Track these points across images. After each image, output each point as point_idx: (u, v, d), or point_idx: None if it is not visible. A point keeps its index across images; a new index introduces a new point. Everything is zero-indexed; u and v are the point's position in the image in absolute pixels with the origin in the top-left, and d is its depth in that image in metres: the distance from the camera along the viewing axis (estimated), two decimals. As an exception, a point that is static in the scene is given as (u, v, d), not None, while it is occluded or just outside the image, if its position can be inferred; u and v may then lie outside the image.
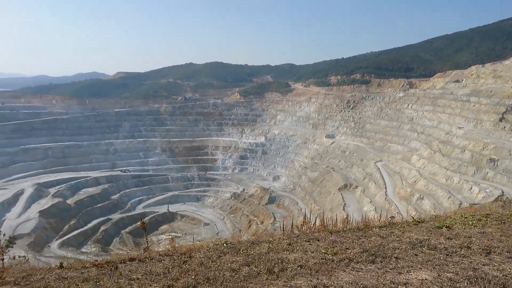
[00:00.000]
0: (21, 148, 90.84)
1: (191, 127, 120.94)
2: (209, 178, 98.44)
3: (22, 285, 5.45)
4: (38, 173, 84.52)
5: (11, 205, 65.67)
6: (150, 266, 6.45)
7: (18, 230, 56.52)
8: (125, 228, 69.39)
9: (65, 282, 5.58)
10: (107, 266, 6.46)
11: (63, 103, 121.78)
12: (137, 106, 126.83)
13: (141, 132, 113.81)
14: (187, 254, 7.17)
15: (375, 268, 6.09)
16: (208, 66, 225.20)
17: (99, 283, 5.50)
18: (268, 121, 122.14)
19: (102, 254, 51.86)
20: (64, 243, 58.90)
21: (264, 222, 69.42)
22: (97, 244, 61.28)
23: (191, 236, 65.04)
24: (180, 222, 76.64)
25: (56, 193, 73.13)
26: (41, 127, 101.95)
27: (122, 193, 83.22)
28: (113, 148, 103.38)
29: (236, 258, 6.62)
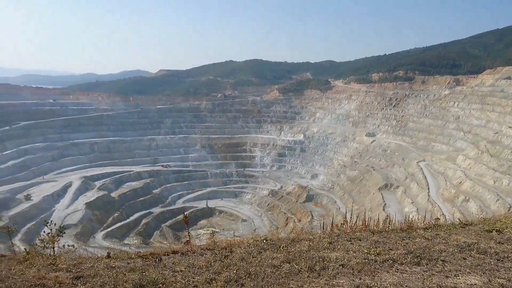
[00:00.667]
0: (70, 142, 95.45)
1: (230, 124, 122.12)
2: (247, 174, 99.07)
3: (74, 273, 5.72)
4: (85, 166, 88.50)
5: (60, 196, 69.19)
6: (192, 259, 6.58)
7: (66, 220, 59.40)
8: (165, 221, 71.19)
9: (112, 271, 5.81)
10: (151, 258, 6.66)
11: (109, 100, 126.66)
12: (178, 103, 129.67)
13: (182, 129, 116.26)
14: (227, 249, 7.25)
15: (421, 270, 5.91)
16: (247, 63, 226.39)
17: (145, 273, 5.68)
18: (307, 118, 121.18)
19: (143, 246, 53.52)
20: (108, 234, 61.28)
21: (302, 220, 69.07)
22: (139, 237, 63.28)
23: (228, 231, 65.85)
24: (218, 218, 77.68)
25: (101, 186, 76.20)
26: (88, 122, 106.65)
27: (163, 188, 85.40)
28: (155, 144, 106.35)
29: (276, 255, 6.62)
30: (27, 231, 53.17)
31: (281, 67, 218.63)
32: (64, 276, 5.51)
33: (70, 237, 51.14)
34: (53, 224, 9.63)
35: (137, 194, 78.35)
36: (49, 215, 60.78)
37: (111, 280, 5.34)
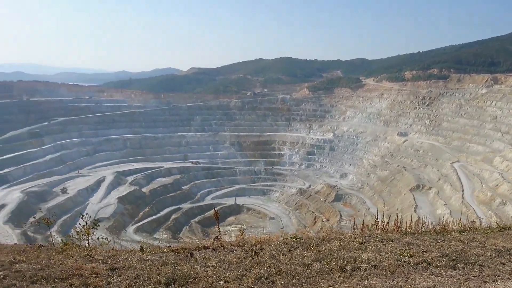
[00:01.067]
0: (104, 138, 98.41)
1: (259, 122, 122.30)
2: (276, 173, 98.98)
3: (109, 264, 5.90)
4: (117, 162, 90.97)
5: (94, 190, 71.46)
6: (223, 255, 6.65)
7: (99, 214, 61.26)
8: (194, 217, 72.19)
9: (146, 264, 5.95)
10: (183, 252, 6.78)
11: (141, 97, 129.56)
12: (208, 101, 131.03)
13: (212, 126, 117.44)
14: (257, 246, 7.27)
15: (457, 274, 5.73)
16: (277, 61, 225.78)
17: (177, 267, 5.79)
18: (337, 117, 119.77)
19: (173, 241, 54.50)
20: (139, 228, 62.78)
21: (330, 220, 68.40)
22: (168, 232, 64.46)
23: (256, 229, 66.09)
24: (246, 215, 78.02)
25: (133, 181, 78.10)
26: (121, 119, 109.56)
27: (192, 184, 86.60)
28: (185, 141, 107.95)
29: (307, 254, 6.59)
30: (62, 223, 55.19)
31: (311, 65, 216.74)
32: (100, 267, 5.68)
33: (103, 230, 52.68)
34: (88, 217, 9.96)
35: (167, 189, 79.77)
36: (84, 208, 62.86)
37: (145, 273, 5.47)
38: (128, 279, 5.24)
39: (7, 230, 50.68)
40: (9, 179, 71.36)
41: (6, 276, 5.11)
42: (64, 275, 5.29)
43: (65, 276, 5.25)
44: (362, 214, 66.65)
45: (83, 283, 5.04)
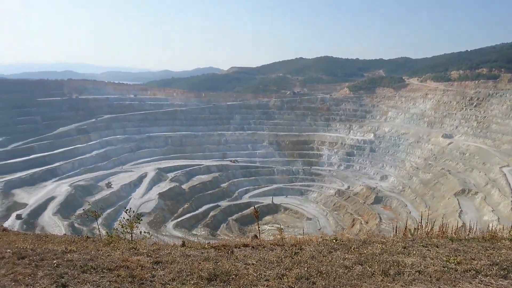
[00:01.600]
0: (146, 135, 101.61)
1: (298, 121, 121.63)
2: (314, 173, 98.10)
3: (153, 257, 6.09)
4: (159, 158, 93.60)
5: (136, 186, 73.90)
6: (262, 253, 6.69)
7: (141, 208, 63.21)
8: (232, 215, 72.92)
9: (188, 259, 6.10)
10: (223, 249, 6.89)
11: (182, 96, 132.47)
12: (247, 100, 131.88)
13: (250, 125, 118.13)
14: (297, 246, 7.26)
15: (508, 284, 5.45)
16: (317, 60, 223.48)
17: (218, 263, 5.90)
18: (378, 117, 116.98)
19: (210, 238, 55.31)
20: (178, 224, 64.23)
21: (369, 223, 66.95)
22: (206, 228, 65.51)
23: (293, 229, 65.87)
24: (283, 215, 77.88)
25: (173, 178, 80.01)
26: (163, 117, 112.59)
27: (231, 182, 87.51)
28: (224, 139, 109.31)
29: (348, 256, 6.50)
30: (106, 216, 57.41)
31: (352, 64, 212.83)
32: (145, 260, 5.89)
33: (144, 224, 54.35)
34: (132, 211, 10.31)
35: (206, 187, 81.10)
36: (126, 202, 65.17)
37: (187, 267, 5.61)
38: (172, 273, 5.39)
39: (56, 221, 53.44)
40: (58, 172, 75.19)
41: (59, 265, 5.41)
42: (112, 266, 5.52)
43: (112, 267, 5.48)
44: (403, 217, 64.81)
45: (130, 274, 5.23)
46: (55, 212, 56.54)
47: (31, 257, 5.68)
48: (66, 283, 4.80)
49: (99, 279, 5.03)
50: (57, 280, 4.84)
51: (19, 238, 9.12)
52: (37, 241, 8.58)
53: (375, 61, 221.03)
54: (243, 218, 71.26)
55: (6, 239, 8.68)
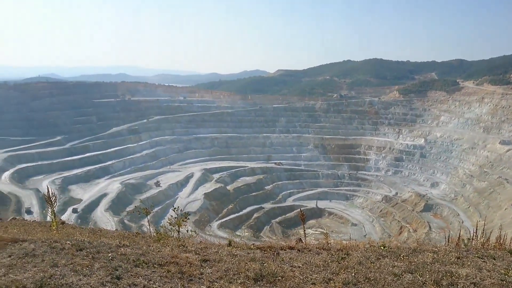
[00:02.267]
0: (194, 137, 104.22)
1: (345, 125, 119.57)
2: (360, 178, 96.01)
3: (201, 255, 6.25)
4: (205, 159, 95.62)
5: (183, 185, 75.89)
6: (308, 257, 6.65)
7: (187, 208, 64.72)
8: (275, 217, 72.93)
9: (235, 258, 6.20)
10: (269, 251, 6.92)
11: (229, 98, 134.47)
12: (293, 103, 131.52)
13: (296, 128, 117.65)
14: (344, 251, 7.15)
15: None
16: (366, 63, 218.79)
17: (265, 264, 5.94)
18: (429, 122, 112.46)
19: (253, 239, 55.65)
20: (222, 224, 65.19)
21: (418, 231, 64.49)
22: (250, 230, 65.98)
23: (337, 234, 64.76)
24: (327, 219, 76.84)
25: (218, 179, 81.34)
26: (210, 119, 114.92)
27: (275, 185, 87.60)
28: (269, 142, 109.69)
29: (397, 263, 6.32)
30: (154, 214, 59.37)
31: (403, 67, 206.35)
32: (193, 258, 6.05)
33: (189, 223, 55.60)
34: (179, 210, 10.60)
35: (250, 188, 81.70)
36: (173, 201, 67.05)
37: (234, 267, 5.70)
38: (219, 272, 5.50)
39: (108, 217, 56.03)
40: (111, 170, 78.89)
41: (114, 258, 5.68)
42: (162, 261, 5.72)
43: (163, 262, 5.68)
44: (455, 227, 61.91)
45: (179, 271, 5.40)
46: (106, 208, 59.30)
47: (88, 249, 6.01)
48: (120, 275, 5.04)
49: (150, 274, 5.23)
50: (112, 273, 5.09)
51: (76, 231, 9.68)
52: (92, 235, 9.06)
53: (427, 63, 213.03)
54: (287, 221, 71.08)
55: (65, 232, 9.23)
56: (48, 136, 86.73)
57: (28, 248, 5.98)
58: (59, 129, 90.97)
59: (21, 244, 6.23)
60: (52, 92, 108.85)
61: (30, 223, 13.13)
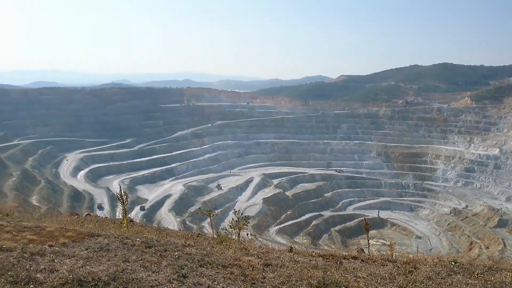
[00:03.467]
0: (254, 142, 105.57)
1: (410, 132, 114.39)
2: (426, 188, 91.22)
3: (264, 260, 6.29)
4: (265, 164, 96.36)
5: (243, 189, 76.98)
6: (373, 268, 6.44)
7: (246, 212, 65.47)
8: (335, 226, 71.43)
9: (297, 265, 6.16)
10: (332, 259, 6.80)
11: (290, 104, 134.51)
12: (356, 109, 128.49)
13: (358, 135, 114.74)
14: (411, 264, 6.83)
15: None
16: (434, 67, 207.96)
17: (328, 273, 5.84)
18: (505, 130, 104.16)
19: (312, 247, 54.86)
20: (280, 230, 65.05)
21: (490, 248, 59.86)
22: (308, 237, 65.16)
23: (400, 246, 61.85)
24: (390, 230, 73.87)
25: (277, 184, 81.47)
26: (271, 124, 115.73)
27: (335, 192, 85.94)
28: (330, 148, 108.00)
29: (471, 281, 5.91)
30: (214, 216, 60.43)
31: (476, 71, 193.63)
32: (256, 261, 6.10)
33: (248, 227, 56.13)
34: (240, 213, 10.75)
35: (309, 195, 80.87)
36: (233, 205, 68.24)
37: (296, 273, 5.66)
38: (281, 277, 5.50)
39: (170, 217, 58.26)
40: (175, 173, 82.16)
41: (180, 257, 5.91)
42: (226, 263, 5.84)
43: (226, 264, 5.80)
44: (534, 246, 56.71)
45: (242, 273, 5.48)
46: (170, 208, 61.73)
47: (156, 247, 6.31)
48: (186, 274, 5.22)
49: (214, 274, 5.36)
50: (178, 271, 5.29)
51: (144, 229, 10.17)
52: (159, 234, 9.47)
53: (503, 67, 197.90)
54: (346, 230, 69.32)
55: (134, 229, 9.74)
56: (119, 138, 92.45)
57: (103, 242, 6.39)
58: (129, 132, 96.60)
59: (96, 238, 6.68)
60: (123, 97, 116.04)
61: (103, 219, 14.02)
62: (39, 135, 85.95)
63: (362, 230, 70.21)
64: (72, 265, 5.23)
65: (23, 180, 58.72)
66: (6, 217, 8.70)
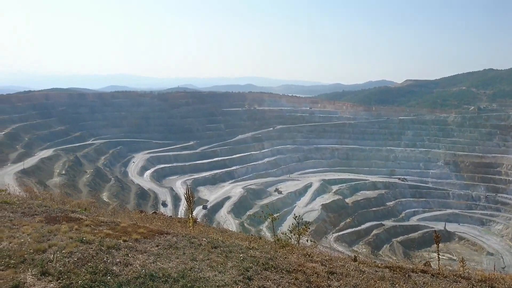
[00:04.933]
0: (314, 147, 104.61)
1: (483, 141, 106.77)
2: (500, 201, 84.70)
3: (328, 267, 6.22)
4: (324, 170, 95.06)
5: (301, 194, 76.55)
6: (444, 283, 6.12)
7: (304, 217, 64.47)
8: (397, 236, 68.66)
9: (363, 275, 6.01)
10: (399, 271, 6.54)
11: (352, 109, 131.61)
12: (422, 115, 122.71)
13: (424, 142, 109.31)
14: (487, 282, 6.39)
15: None
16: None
17: (396, 286, 5.63)
18: None
19: (371, 257, 53.00)
20: (339, 237, 63.71)
21: None
22: (367, 246, 63.13)
23: (469, 262, 57.92)
24: (457, 245, 69.52)
25: (337, 190, 80.00)
26: (331, 129, 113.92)
27: (397, 201, 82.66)
28: (393, 155, 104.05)
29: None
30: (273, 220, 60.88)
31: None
32: (320, 269, 6.04)
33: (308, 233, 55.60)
34: (300, 219, 10.69)
35: (370, 203, 78.53)
36: (291, 210, 68.03)
37: (362, 284, 5.53)
38: (347, 286, 5.40)
39: (229, 219, 59.37)
40: (234, 175, 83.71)
41: (245, 259, 6.01)
42: (290, 268, 5.86)
43: (290, 269, 5.81)
44: None
45: (306, 280, 5.46)
46: (229, 210, 62.94)
47: (222, 248, 6.48)
48: (251, 276, 5.31)
49: (279, 279, 5.39)
50: (244, 273, 5.39)
51: (208, 230, 10.47)
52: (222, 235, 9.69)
53: None
54: (409, 241, 66.25)
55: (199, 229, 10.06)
56: (183, 140, 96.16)
57: (171, 240, 6.69)
58: (193, 135, 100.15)
59: (165, 236, 7.00)
60: (188, 101, 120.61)
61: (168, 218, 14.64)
62: (111, 135, 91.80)
63: (426, 242, 66.81)
64: (144, 260, 5.53)
65: (96, 177, 63.00)
66: (85, 212, 9.39)
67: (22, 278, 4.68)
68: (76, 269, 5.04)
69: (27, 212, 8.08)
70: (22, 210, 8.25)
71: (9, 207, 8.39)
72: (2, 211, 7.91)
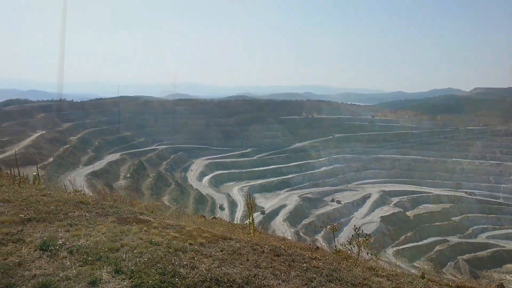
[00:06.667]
0: (373, 157, 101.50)
1: None
2: None
3: (394, 283, 6.00)
4: (384, 181, 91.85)
5: (359, 205, 74.52)
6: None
7: (361, 229, 63.01)
8: (462, 254, 64.36)
9: (433, 294, 5.73)
10: (472, 292, 6.17)
11: (415, 118, 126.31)
12: (493, 125, 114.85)
13: (495, 154, 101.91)
14: None
15: None
16: None
17: (469, 307, 5.32)
18: None
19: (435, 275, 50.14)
20: (398, 252, 61.01)
21: None
22: (430, 263, 59.68)
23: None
24: (532, 266, 63.64)
25: (397, 203, 76.88)
26: (392, 139, 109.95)
27: (464, 216, 77.70)
28: (459, 168, 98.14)
29: None
30: (328, 230, 59.66)
31: None
32: (386, 284, 5.85)
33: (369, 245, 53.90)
34: (360, 230, 10.42)
35: (433, 217, 74.53)
36: (348, 220, 66.33)
37: (433, 302, 5.27)
38: (416, 304, 5.17)
39: (285, 227, 59.06)
40: (291, 184, 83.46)
41: (308, 269, 5.98)
42: (355, 281, 5.73)
43: (355, 283, 5.69)
44: None
45: (372, 294, 5.30)
46: (284, 219, 62.73)
47: (284, 256, 6.49)
48: (315, 287, 5.25)
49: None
50: (307, 283, 5.36)
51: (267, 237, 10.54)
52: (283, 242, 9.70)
53: None
54: (477, 260, 61.87)
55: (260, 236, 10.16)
56: (241, 147, 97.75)
57: (235, 246, 6.82)
58: (251, 142, 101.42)
59: (229, 241, 7.15)
60: (246, 109, 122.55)
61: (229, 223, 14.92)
62: (172, 141, 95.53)
63: (496, 262, 62.09)
64: (209, 264, 5.69)
65: (158, 181, 65.80)
66: (152, 214, 9.85)
67: (98, 275, 4.98)
68: (147, 269, 5.29)
69: (100, 213, 8.62)
70: (96, 210, 8.81)
71: (84, 206, 8.99)
72: (79, 210, 8.50)
